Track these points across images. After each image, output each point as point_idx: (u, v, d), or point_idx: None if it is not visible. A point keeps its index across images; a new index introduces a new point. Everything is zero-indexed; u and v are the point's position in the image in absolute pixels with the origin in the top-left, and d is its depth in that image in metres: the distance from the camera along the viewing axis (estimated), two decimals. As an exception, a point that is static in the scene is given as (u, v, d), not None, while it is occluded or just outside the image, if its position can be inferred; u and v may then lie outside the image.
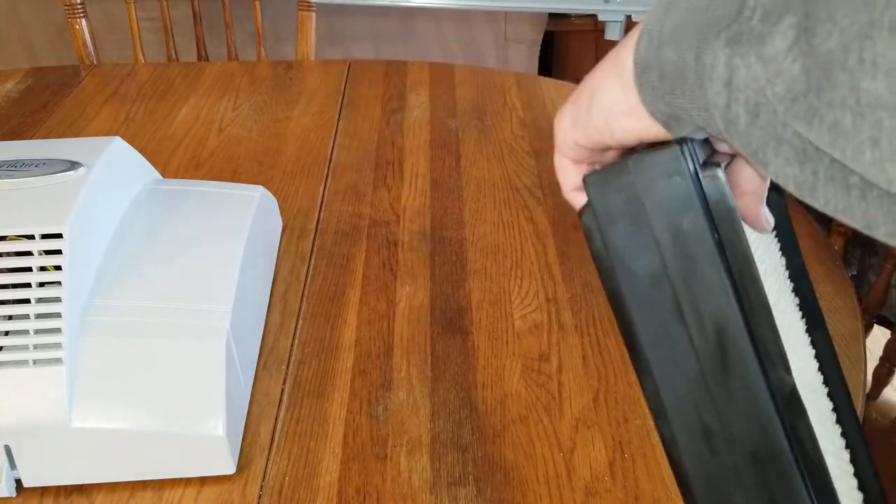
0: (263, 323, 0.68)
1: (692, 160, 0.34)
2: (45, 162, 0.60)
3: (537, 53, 2.15)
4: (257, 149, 0.97)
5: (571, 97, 0.40)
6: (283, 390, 0.62)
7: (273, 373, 0.63)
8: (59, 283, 0.52)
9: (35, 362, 0.51)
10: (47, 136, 1.01)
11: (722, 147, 0.36)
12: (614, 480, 0.54)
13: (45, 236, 0.53)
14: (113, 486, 0.54)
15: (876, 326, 1.07)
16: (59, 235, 0.53)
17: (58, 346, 0.52)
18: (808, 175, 0.28)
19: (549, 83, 1.15)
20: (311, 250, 0.78)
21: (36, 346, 0.52)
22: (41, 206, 0.55)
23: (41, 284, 0.52)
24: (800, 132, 0.27)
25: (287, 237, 0.80)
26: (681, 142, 0.34)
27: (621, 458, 0.56)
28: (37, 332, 0.52)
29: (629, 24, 0.77)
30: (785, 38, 0.27)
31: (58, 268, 0.53)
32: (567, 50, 2.46)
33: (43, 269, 0.53)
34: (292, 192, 0.88)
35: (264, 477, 0.55)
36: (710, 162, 0.35)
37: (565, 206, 0.85)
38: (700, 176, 0.34)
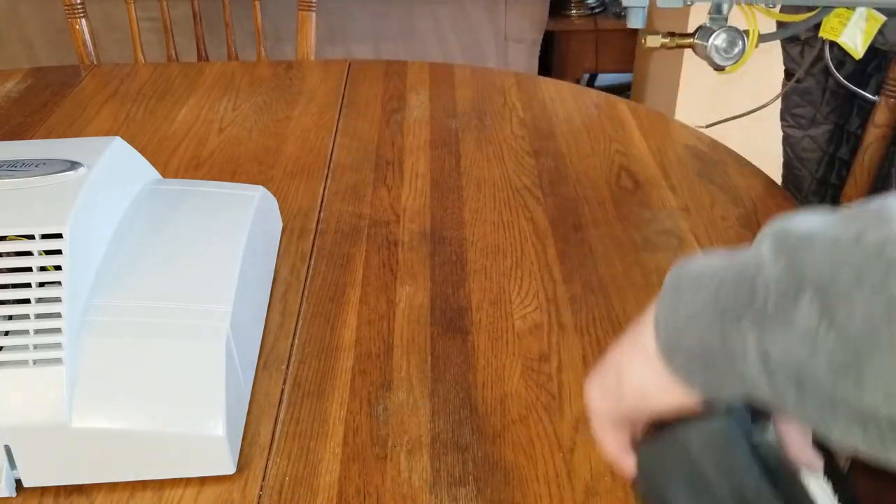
0: (263, 323, 0.68)
1: (742, 424, 0.34)
2: (45, 162, 0.60)
3: (537, 53, 2.15)
4: (257, 149, 0.97)
5: (597, 372, 0.41)
6: (283, 390, 0.62)
7: (273, 373, 0.63)
8: (59, 283, 0.52)
9: (35, 362, 0.51)
10: (47, 136, 1.01)
11: None
12: (614, 480, 0.54)
13: (45, 236, 0.53)
14: (113, 486, 0.54)
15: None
16: (59, 235, 0.53)
17: (58, 346, 0.52)
18: (874, 436, 0.28)
19: (549, 83, 1.15)
20: (311, 250, 0.78)
21: (36, 346, 0.52)
22: (41, 206, 0.55)
23: (41, 284, 0.52)
24: (851, 400, 0.28)
25: (287, 237, 0.80)
26: (727, 410, 0.34)
27: (621, 458, 0.56)
28: (37, 332, 0.52)
29: (652, 10, 0.76)
30: (809, 319, 0.28)
31: (58, 268, 0.53)
32: (567, 50, 2.46)
33: (43, 269, 0.53)
34: (292, 192, 0.88)
35: (264, 477, 0.55)
36: (759, 412, 0.34)
37: (565, 206, 0.85)
38: (753, 440, 0.34)
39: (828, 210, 0.32)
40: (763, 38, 0.77)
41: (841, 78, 0.87)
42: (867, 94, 0.97)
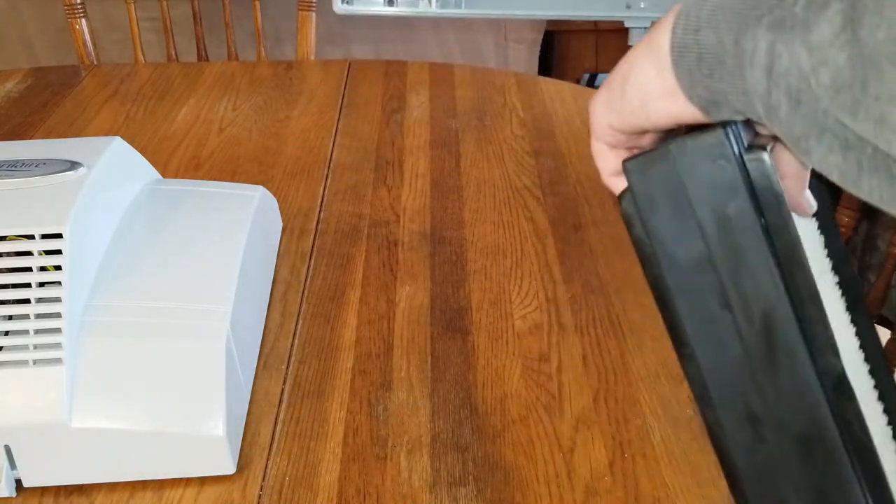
0: (263, 323, 0.68)
1: (737, 144, 0.33)
2: (45, 162, 0.60)
3: (537, 53, 2.15)
4: (257, 149, 0.97)
5: (605, 82, 0.39)
6: (283, 390, 0.62)
7: (273, 373, 0.63)
8: (59, 283, 0.52)
9: (35, 362, 0.51)
10: (47, 136, 1.01)
11: (764, 130, 0.35)
12: (614, 480, 0.54)
13: (45, 236, 0.53)
14: (113, 486, 0.54)
15: (876, 326, 1.07)
16: (59, 235, 0.53)
17: (58, 346, 0.52)
18: (852, 164, 0.27)
19: (549, 83, 1.15)
20: (311, 250, 0.78)
21: (36, 346, 0.52)
22: (41, 206, 0.55)
23: (41, 284, 0.52)
24: (843, 122, 0.27)
25: (287, 237, 0.80)
26: (724, 125, 0.33)
27: (621, 457, 0.56)
28: (37, 332, 0.52)
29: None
30: (832, 26, 0.27)
31: (58, 268, 0.53)
32: (567, 50, 2.46)
33: (43, 269, 0.53)
34: (292, 192, 0.88)
35: (264, 477, 0.55)
36: (754, 145, 0.34)
37: (565, 206, 0.85)
38: (745, 160, 0.33)
39: None
40: None
41: None
42: None
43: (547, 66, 2.48)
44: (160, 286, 0.58)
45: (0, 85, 1.15)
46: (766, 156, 0.33)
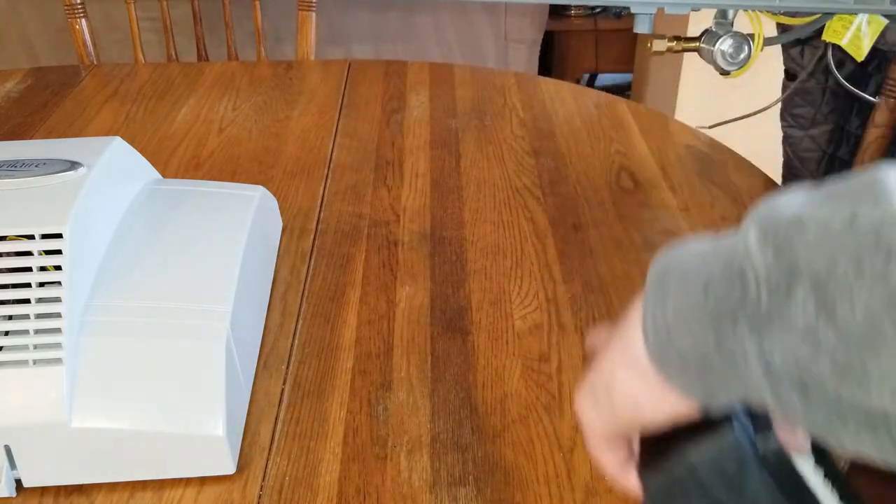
0: (263, 323, 0.68)
1: (746, 435, 0.33)
2: (45, 162, 0.60)
3: (537, 53, 2.15)
4: (257, 149, 0.97)
5: (586, 385, 0.38)
6: (283, 390, 0.62)
7: (273, 373, 0.63)
8: (59, 283, 0.52)
9: (35, 362, 0.51)
10: (47, 136, 1.01)
11: None
12: (614, 480, 0.54)
13: (45, 236, 0.53)
14: (113, 486, 0.54)
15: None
16: (59, 235, 0.53)
17: (58, 346, 0.52)
18: (886, 441, 0.26)
19: (549, 83, 1.15)
20: (311, 250, 0.78)
21: (36, 346, 0.52)
22: (41, 206, 0.55)
23: (41, 284, 0.52)
24: (859, 403, 0.26)
25: (287, 237, 0.80)
26: (728, 419, 0.33)
27: (621, 458, 0.56)
28: (37, 332, 0.52)
29: (659, 17, 0.76)
30: (806, 314, 0.26)
31: (58, 268, 0.53)
32: (567, 50, 2.46)
33: (43, 269, 0.53)
34: (292, 192, 0.88)
35: (264, 477, 0.55)
36: (758, 419, 0.34)
37: (565, 206, 0.85)
38: (760, 450, 0.33)
39: (814, 185, 0.29)
40: (767, 41, 0.77)
41: (846, 83, 0.86)
42: (867, 96, 0.97)
43: (547, 66, 2.48)
44: (160, 286, 0.58)
45: (0, 85, 1.15)
46: (774, 438, 0.33)
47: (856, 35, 0.64)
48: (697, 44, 0.75)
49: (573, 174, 0.91)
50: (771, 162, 1.08)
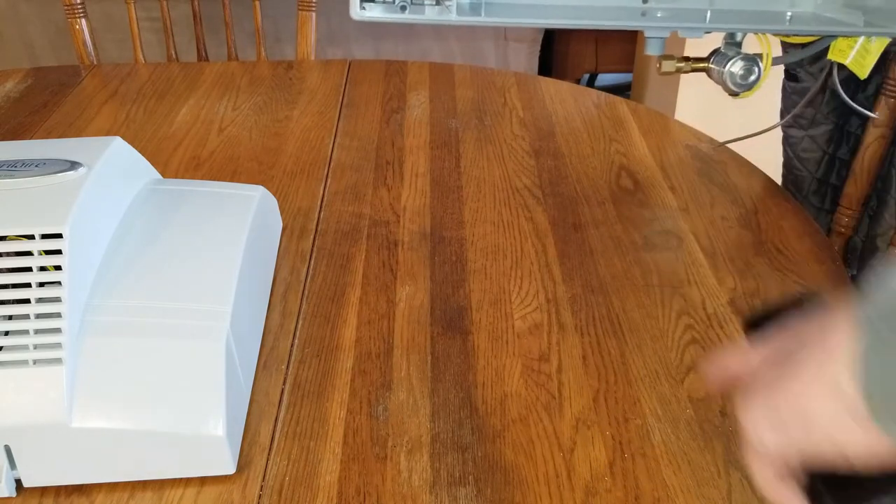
0: (263, 323, 0.68)
1: None
2: (45, 162, 0.60)
3: (537, 53, 2.15)
4: (257, 149, 0.97)
5: (765, 404, 0.36)
6: (283, 390, 0.62)
7: (273, 373, 0.63)
8: (59, 283, 0.52)
9: (35, 362, 0.51)
10: (47, 136, 1.01)
11: None
12: (614, 480, 0.54)
13: (45, 236, 0.53)
14: (113, 486, 0.54)
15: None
16: (59, 235, 0.53)
17: (58, 346, 0.52)
18: None
19: (549, 83, 1.15)
20: (311, 250, 0.78)
21: (36, 346, 0.52)
22: (41, 206, 0.55)
23: (41, 284, 0.52)
24: None
25: (287, 237, 0.80)
26: None
27: (621, 458, 0.56)
28: (37, 332, 0.52)
29: (672, 39, 0.76)
30: None
31: (58, 268, 0.53)
32: (567, 50, 2.46)
33: (43, 269, 0.53)
34: (292, 192, 0.88)
35: (264, 477, 0.55)
36: None
37: (565, 206, 0.85)
38: None
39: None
40: (775, 61, 0.76)
41: (844, 95, 0.86)
42: (866, 111, 0.97)
43: (547, 66, 2.48)
44: (160, 286, 0.58)
45: (0, 85, 1.15)
46: None
47: (860, 54, 0.64)
48: (707, 64, 0.75)
49: (573, 174, 0.91)
50: (771, 162, 1.08)
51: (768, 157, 1.09)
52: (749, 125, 1.18)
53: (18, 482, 0.53)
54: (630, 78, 2.43)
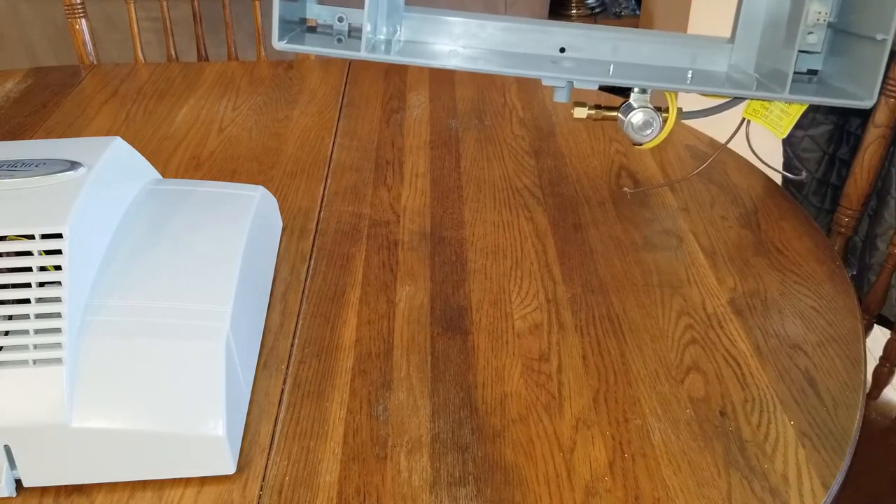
0: (263, 323, 0.68)
1: None
2: (45, 162, 0.60)
3: (537, 53, 2.14)
4: (257, 149, 0.97)
5: None
6: (283, 390, 0.62)
7: (273, 373, 0.64)
8: (59, 283, 0.52)
9: (35, 362, 0.51)
10: (47, 136, 1.01)
11: None
12: (614, 480, 0.54)
13: (45, 236, 0.53)
14: (113, 486, 0.54)
15: (876, 326, 1.07)
16: (59, 235, 0.53)
17: (58, 346, 0.52)
18: None
19: (549, 83, 1.15)
20: (311, 250, 0.78)
21: (36, 346, 0.52)
22: (41, 206, 0.55)
23: (41, 284, 0.52)
24: None
25: (287, 237, 0.80)
26: None
27: (621, 458, 0.56)
28: (37, 332, 0.52)
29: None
30: None
31: (58, 268, 0.53)
32: (567, 50, 2.46)
33: (43, 269, 0.53)
34: (292, 192, 0.88)
35: (264, 477, 0.55)
36: None
37: (565, 206, 0.85)
38: None
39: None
40: (686, 115, 0.77)
41: (756, 154, 0.87)
42: (794, 176, 0.98)
43: (547, 66, 2.48)
44: (160, 286, 0.58)
45: (0, 85, 1.15)
46: None
47: (777, 115, 0.64)
48: (616, 113, 0.77)
49: (573, 174, 0.91)
50: (771, 162, 1.08)
51: (768, 158, 1.09)
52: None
53: (18, 482, 0.53)
54: (630, 78, 2.43)
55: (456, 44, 0.74)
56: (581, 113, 0.72)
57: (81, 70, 1.22)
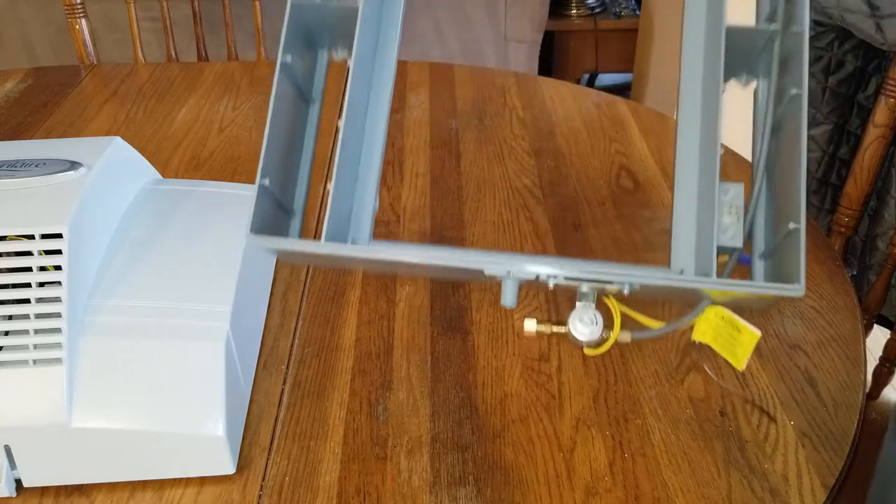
0: (263, 323, 0.68)
1: None
2: (45, 162, 0.60)
3: (537, 53, 2.14)
4: (257, 149, 0.97)
5: None
6: (283, 390, 0.62)
7: (273, 373, 0.64)
8: (59, 283, 0.52)
9: (35, 362, 0.51)
10: (47, 136, 1.01)
11: None
12: (614, 480, 0.54)
13: (45, 236, 0.53)
14: (113, 486, 0.54)
15: (876, 326, 1.07)
16: (59, 235, 0.53)
17: (58, 346, 0.52)
18: None
19: (549, 83, 1.15)
20: (311, 250, 0.78)
21: (36, 346, 0.52)
22: (41, 206, 0.55)
23: (41, 284, 0.52)
24: None
25: (287, 237, 0.80)
26: None
27: (621, 457, 0.56)
28: (37, 332, 0.52)
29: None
30: None
31: (58, 268, 0.53)
32: (567, 50, 2.46)
33: (43, 269, 0.53)
34: (292, 192, 0.88)
35: (264, 477, 0.55)
36: None
37: (565, 206, 0.85)
38: None
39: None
40: (635, 335, 0.70)
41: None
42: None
43: (547, 66, 2.48)
44: (160, 286, 0.58)
45: (0, 85, 1.15)
46: None
47: (731, 345, 0.61)
48: (565, 328, 0.69)
49: (573, 174, 0.91)
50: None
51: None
52: (747, 124, 1.17)
53: (18, 482, 0.53)
54: (630, 78, 2.43)
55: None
56: (531, 326, 0.66)
57: (81, 70, 1.22)
